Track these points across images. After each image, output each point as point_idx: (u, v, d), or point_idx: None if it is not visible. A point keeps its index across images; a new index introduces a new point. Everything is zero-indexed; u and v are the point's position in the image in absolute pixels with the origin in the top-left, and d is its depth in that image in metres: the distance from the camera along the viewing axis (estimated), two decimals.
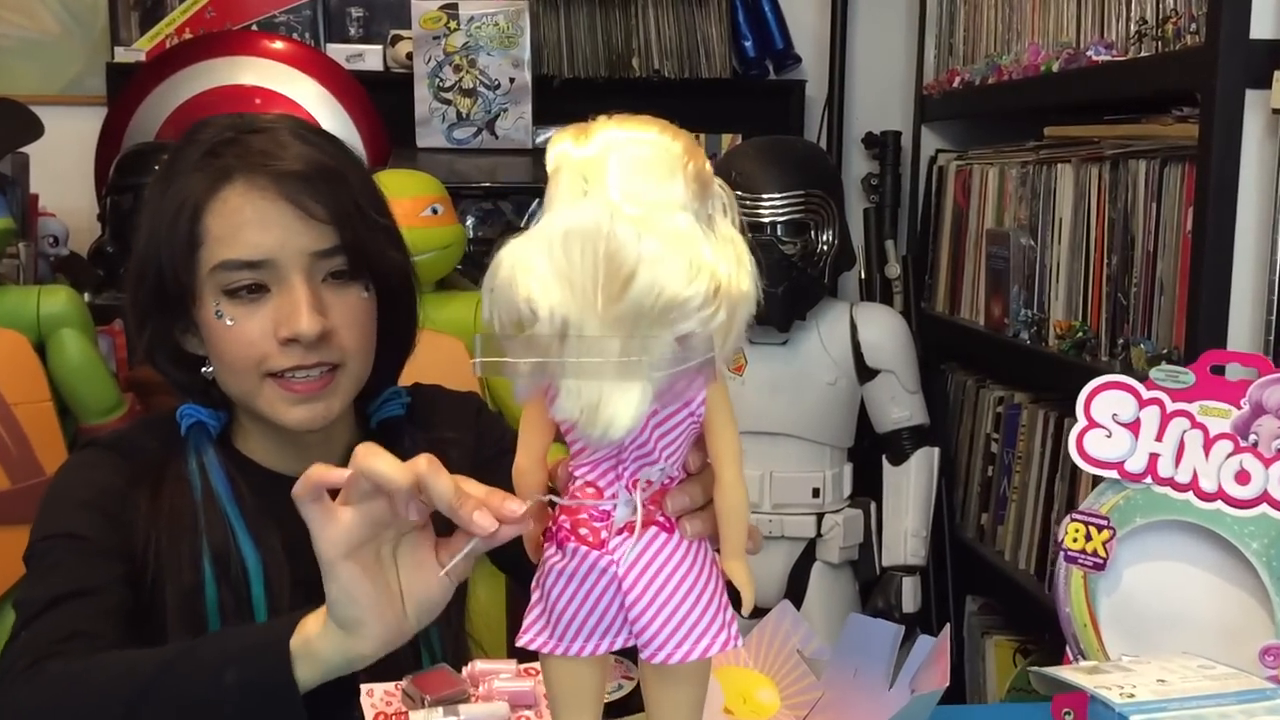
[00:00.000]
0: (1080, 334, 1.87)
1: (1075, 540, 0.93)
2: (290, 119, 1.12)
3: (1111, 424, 0.92)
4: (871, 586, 2.15)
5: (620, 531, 0.73)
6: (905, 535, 2.12)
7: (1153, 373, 0.91)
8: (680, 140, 0.70)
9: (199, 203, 1.04)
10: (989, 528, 2.26)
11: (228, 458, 1.10)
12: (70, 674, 0.92)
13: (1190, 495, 0.96)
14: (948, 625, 0.84)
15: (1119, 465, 0.93)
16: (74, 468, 1.12)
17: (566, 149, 0.68)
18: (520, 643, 0.75)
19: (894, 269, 2.58)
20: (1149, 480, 0.93)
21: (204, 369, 1.09)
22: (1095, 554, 0.92)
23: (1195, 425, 0.96)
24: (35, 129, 2.16)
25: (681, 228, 0.66)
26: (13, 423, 1.95)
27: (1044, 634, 2.03)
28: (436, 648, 1.10)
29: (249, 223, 1.03)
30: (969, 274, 2.35)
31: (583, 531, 0.72)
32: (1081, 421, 0.94)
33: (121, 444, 1.12)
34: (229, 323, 1.04)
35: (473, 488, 0.76)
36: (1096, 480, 0.96)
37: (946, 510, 2.33)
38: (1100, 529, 0.92)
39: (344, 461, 0.80)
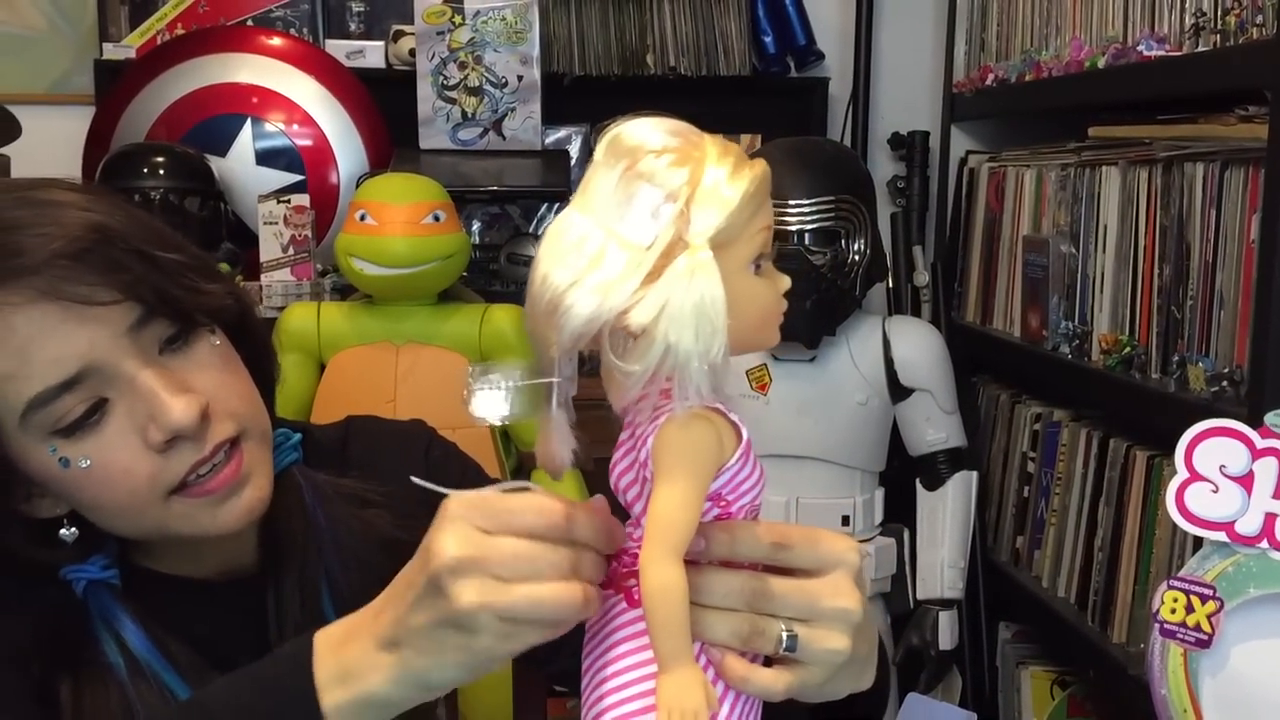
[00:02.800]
0: (1128, 349, 1.77)
1: (1174, 612, 0.80)
2: (7, 187, 0.86)
3: (1219, 477, 0.79)
4: (904, 621, 2.03)
5: (606, 584, 0.67)
6: (942, 566, 2.00)
7: (1268, 418, 0.79)
8: (644, 144, 0.62)
9: None
10: (1024, 551, 2.15)
11: (140, 601, 0.89)
12: None
13: None
14: None
15: (1228, 526, 0.80)
16: None
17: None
18: None
19: (922, 277, 2.47)
20: (1265, 545, 0.80)
21: (62, 531, 0.88)
22: (1198, 628, 0.79)
23: None
24: (12, 129, 2.06)
25: (586, 233, 0.61)
26: None
27: (1087, 668, 1.92)
28: None
29: (30, 341, 0.80)
30: (1003, 282, 2.26)
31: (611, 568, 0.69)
32: (1182, 473, 0.81)
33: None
34: (85, 464, 0.82)
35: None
36: (1198, 541, 0.84)
37: (979, 531, 2.22)
38: (1205, 600, 0.79)
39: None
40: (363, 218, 1.90)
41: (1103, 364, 1.81)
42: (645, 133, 0.62)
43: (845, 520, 1.97)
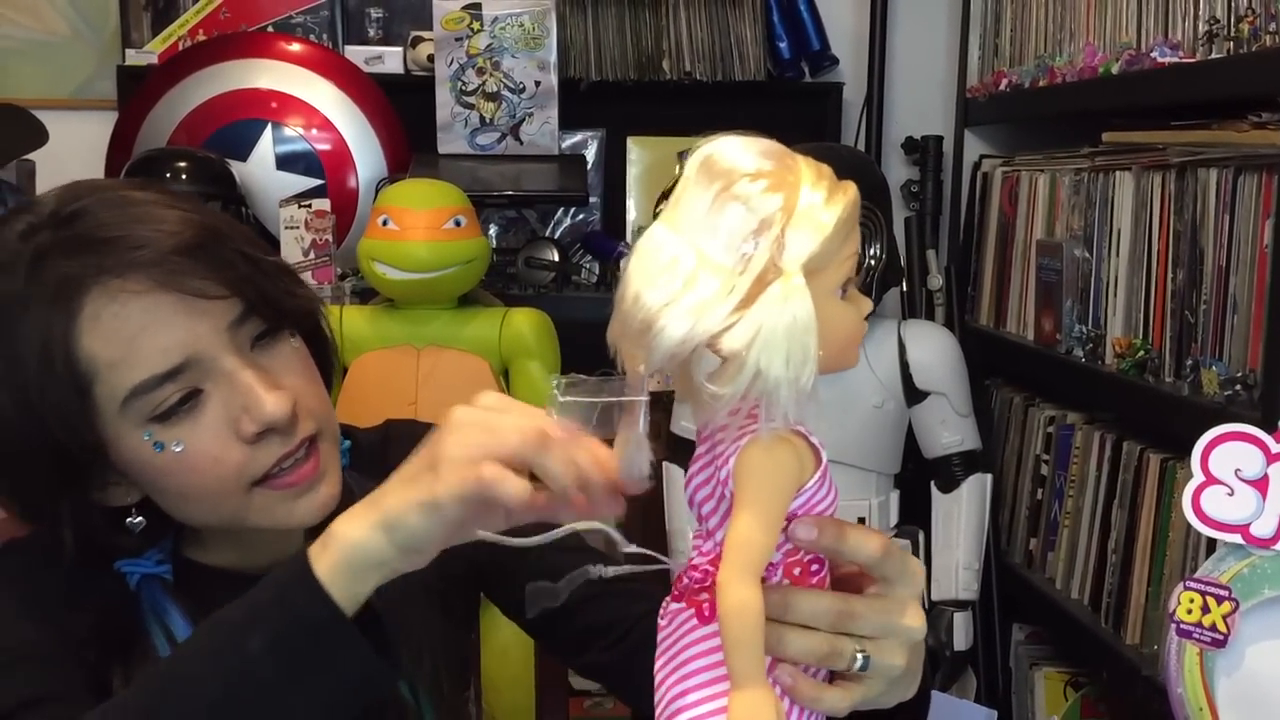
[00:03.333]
0: (1142, 353, 1.78)
1: (1190, 612, 0.82)
2: (100, 186, 0.90)
3: (1234, 480, 0.81)
4: None
5: (678, 596, 0.67)
6: (956, 568, 2.01)
7: None
8: (739, 166, 0.61)
9: (65, 336, 0.83)
10: (1038, 553, 2.16)
11: (189, 594, 0.92)
12: None
13: None
14: None
15: (1243, 529, 0.82)
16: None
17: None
18: None
19: (936, 280, 2.48)
20: (1279, 547, 0.82)
21: (130, 519, 0.91)
22: (1214, 629, 0.81)
23: None
24: (39, 136, 2.08)
25: (679, 254, 0.60)
26: None
27: (1100, 669, 1.93)
28: None
29: (142, 330, 0.84)
30: (1016, 286, 2.27)
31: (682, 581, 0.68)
32: (1198, 477, 0.83)
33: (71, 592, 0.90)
34: (178, 449, 0.85)
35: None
36: (1211, 544, 0.85)
37: (992, 533, 2.23)
38: (1220, 600, 0.81)
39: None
40: (385, 223, 1.93)
41: (1116, 367, 1.82)
42: (738, 154, 0.62)
43: (861, 522, 1.98)
